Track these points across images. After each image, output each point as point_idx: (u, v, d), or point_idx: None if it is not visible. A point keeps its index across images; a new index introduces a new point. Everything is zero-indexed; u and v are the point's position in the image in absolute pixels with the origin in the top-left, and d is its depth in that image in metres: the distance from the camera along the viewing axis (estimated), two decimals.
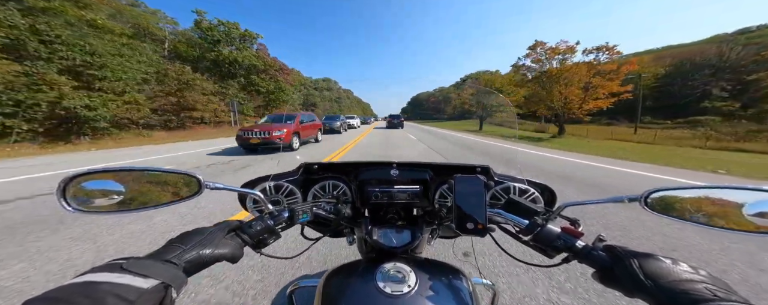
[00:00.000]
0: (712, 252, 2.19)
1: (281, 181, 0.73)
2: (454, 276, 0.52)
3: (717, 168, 6.49)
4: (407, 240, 0.60)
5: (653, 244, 2.34)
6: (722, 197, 0.42)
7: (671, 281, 0.34)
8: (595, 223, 2.75)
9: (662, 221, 2.51)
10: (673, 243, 2.34)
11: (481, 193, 0.51)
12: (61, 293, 0.26)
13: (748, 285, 1.77)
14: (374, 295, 0.45)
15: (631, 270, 0.36)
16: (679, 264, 0.36)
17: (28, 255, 2.06)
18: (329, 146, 10.26)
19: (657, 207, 0.46)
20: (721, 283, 0.33)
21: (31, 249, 2.16)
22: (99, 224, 2.58)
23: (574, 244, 0.44)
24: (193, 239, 0.40)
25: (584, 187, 4.38)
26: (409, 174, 0.73)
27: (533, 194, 0.68)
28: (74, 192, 0.44)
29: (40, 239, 2.35)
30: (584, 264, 0.43)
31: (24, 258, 2.02)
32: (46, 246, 2.22)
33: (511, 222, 0.53)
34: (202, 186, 0.49)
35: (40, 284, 1.74)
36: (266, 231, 0.50)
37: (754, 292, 1.71)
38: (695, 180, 4.87)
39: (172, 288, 0.31)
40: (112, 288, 0.27)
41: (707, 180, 5.12)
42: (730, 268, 1.96)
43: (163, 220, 2.72)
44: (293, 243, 2.08)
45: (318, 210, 0.62)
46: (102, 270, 0.30)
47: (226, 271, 1.78)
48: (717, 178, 5.56)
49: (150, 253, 0.36)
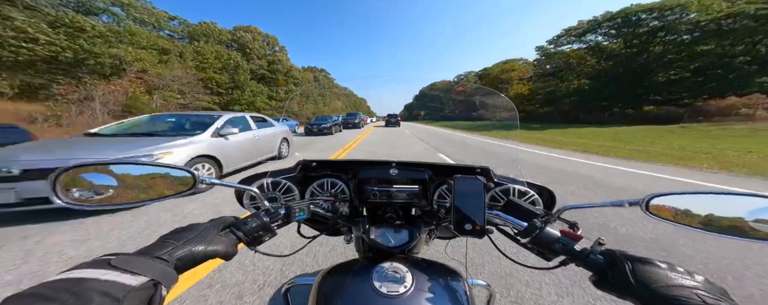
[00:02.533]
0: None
1: (279, 178, 0.72)
2: (450, 276, 0.51)
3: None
4: (405, 239, 0.60)
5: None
6: (724, 203, 0.42)
7: (662, 286, 0.34)
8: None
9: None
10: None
11: (481, 194, 0.51)
12: (45, 289, 0.25)
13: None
14: (370, 295, 0.45)
15: (623, 275, 0.37)
16: (675, 269, 0.36)
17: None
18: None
19: (658, 212, 0.45)
20: (717, 289, 0.33)
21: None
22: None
23: (572, 247, 0.44)
24: (185, 235, 0.39)
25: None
26: (408, 174, 0.72)
27: (532, 197, 0.67)
28: (66, 185, 0.43)
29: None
30: (581, 267, 0.43)
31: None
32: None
33: (509, 224, 0.53)
34: (196, 181, 0.48)
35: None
36: (262, 228, 0.49)
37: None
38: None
39: (161, 285, 0.31)
40: (99, 285, 0.27)
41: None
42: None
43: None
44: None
45: (315, 208, 0.61)
46: (89, 267, 0.29)
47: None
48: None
49: (140, 249, 0.35)
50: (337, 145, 10.39)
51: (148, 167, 0.49)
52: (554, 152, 8.66)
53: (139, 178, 0.48)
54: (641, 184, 4.49)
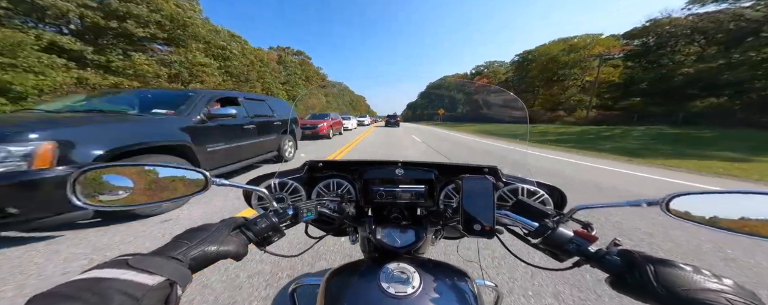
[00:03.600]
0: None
1: (286, 178, 0.73)
2: (458, 277, 0.51)
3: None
4: (411, 240, 0.60)
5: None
6: (747, 203, 0.40)
7: (688, 289, 0.32)
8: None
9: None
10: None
11: (489, 194, 0.50)
12: (68, 289, 0.26)
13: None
14: (378, 295, 0.45)
15: (645, 277, 0.35)
16: (700, 272, 0.34)
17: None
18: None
19: (678, 212, 0.43)
20: (747, 293, 0.31)
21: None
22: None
23: (587, 248, 0.43)
24: (198, 235, 0.40)
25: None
26: (414, 174, 0.72)
27: (542, 196, 0.66)
28: (84, 186, 0.44)
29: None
30: (597, 268, 0.42)
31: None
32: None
33: (519, 224, 0.52)
34: (209, 182, 0.49)
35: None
36: (271, 228, 0.49)
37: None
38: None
39: (177, 285, 0.31)
40: (119, 284, 0.27)
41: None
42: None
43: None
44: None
45: (322, 208, 0.61)
46: (108, 267, 0.30)
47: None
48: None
49: (156, 249, 0.36)
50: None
51: (163, 168, 0.50)
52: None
53: (153, 179, 0.50)
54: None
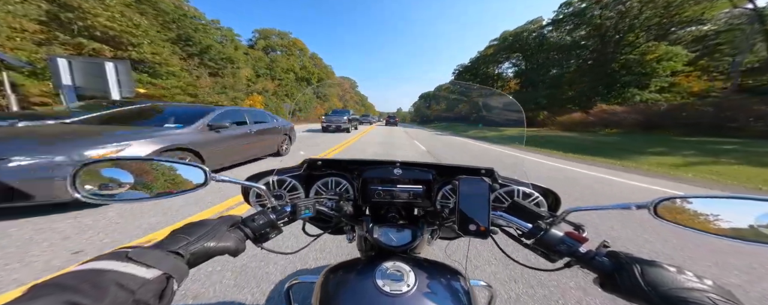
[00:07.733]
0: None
1: (284, 176, 0.74)
2: (452, 276, 0.51)
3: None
4: (407, 239, 0.60)
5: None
6: (734, 208, 0.41)
7: (672, 289, 0.34)
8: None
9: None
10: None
11: (485, 195, 0.51)
12: (68, 279, 0.26)
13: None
14: (373, 293, 0.45)
15: (632, 277, 0.37)
16: (683, 272, 0.36)
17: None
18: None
19: (666, 216, 0.44)
20: (725, 292, 0.33)
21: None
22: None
23: (577, 249, 0.44)
24: (197, 231, 0.41)
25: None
26: (412, 174, 0.73)
27: (537, 198, 0.67)
28: (84, 180, 0.45)
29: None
30: (586, 269, 0.43)
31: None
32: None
33: (513, 225, 0.53)
34: (208, 178, 0.50)
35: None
36: (268, 225, 0.50)
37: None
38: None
39: (173, 279, 0.32)
40: (117, 276, 0.28)
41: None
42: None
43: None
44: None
45: (320, 206, 0.62)
46: (109, 258, 0.30)
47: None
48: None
49: (155, 243, 0.37)
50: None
51: (163, 162, 0.51)
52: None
53: (153, 173, 0.50)
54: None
